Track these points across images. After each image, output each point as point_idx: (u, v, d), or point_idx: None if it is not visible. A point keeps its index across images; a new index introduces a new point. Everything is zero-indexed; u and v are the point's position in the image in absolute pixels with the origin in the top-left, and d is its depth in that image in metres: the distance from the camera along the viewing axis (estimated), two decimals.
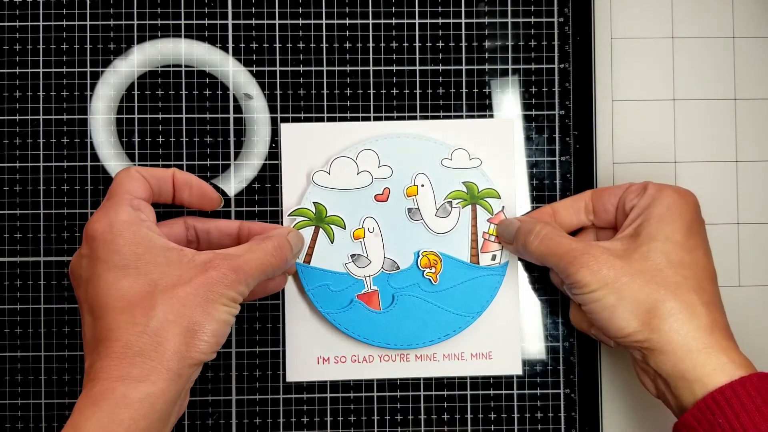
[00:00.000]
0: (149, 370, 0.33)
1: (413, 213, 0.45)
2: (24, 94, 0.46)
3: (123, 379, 0.33)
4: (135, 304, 0.34)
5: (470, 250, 0.45)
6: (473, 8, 0.47)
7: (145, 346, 0.34)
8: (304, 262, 0.45)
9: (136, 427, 0.33)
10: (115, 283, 0.35)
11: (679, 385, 0.37)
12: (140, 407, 0.33)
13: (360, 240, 0.45)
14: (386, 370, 0.46)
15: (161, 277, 0.35)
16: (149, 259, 0.35)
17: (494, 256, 0.45)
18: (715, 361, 0.36)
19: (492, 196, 0.45)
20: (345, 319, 0.45)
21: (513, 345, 0.46)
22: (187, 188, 0.41)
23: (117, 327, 0.34)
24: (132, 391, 0.33)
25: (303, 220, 0.45)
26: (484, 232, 0.45)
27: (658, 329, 0.37)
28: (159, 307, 0.34)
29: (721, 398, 0.35)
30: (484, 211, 0.45)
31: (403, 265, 0.45)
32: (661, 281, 0.37)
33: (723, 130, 0.48)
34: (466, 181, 0.46)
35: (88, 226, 0.36)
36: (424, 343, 0.45)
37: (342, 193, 0.45)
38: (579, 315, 0.43)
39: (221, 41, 0.46)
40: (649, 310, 0.37)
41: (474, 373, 0.46)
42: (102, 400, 0.33)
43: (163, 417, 0.34)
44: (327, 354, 0.45)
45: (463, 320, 0.45)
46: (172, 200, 0.41)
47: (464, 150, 0.46)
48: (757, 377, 0.35)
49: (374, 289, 0.45)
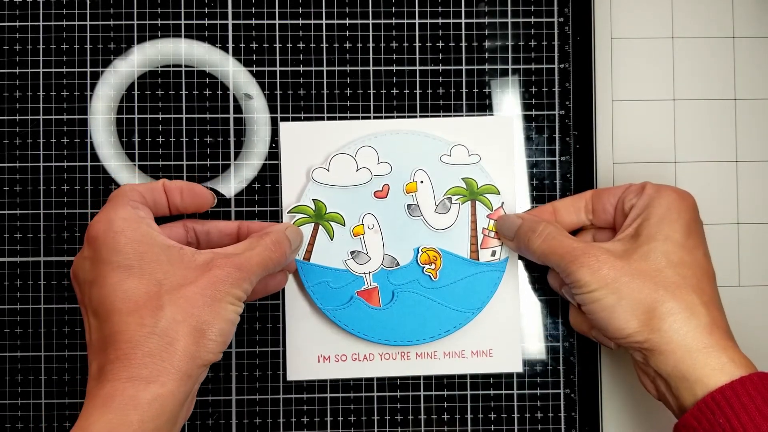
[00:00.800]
0: (159, 370, 0.33)
1: (413, 209, 0.45)
2: (24, 94, 0.46)
3: (132, 380, 0.33)
4: (142, 305, 0.34)
5: (470, 246, 0.45)
6: (473, 8, 0.47)
7: (155, 347, 0.34)
8: (303, 259, 0.45)
9: (145, 428, 0.32)
10: (120, 284, 0.35)
11: (679, 385, 0.36)
12: (149, 409, 0.33)
13: (359, 237, 0.45)
14: (387, 369, 0.46)
15: (165, 277, 0.35)
16: (152, 257, 0.35)
17: (494, 252, 0.45)
18: (715, 361, 0.36)
19: (491, 192, 0.45)
20: (345, 316, 0.45)
21: (513, 342, 0.46)
22: (177, 191, 0.41)
23: (125, 329, 0.34)
24: (141, 392, 0.33)
25: (302, 217, 0.45)
26: (483, 228, 0.45)
27: (658, 329, 0.37)
28: (167, 308, 0.34)
29: (721, 398, 0.35)
30: (483, 207, 0.45)
31: (403, 262, 0.45)
32: (661, 281, 0.37)
33: (723, 130, 0.48)
34: (465, 177, 0.46)
35: (88, 228, 0.36)
36: (425, 340, 0.45)
37: (341, 190, 0.45)
38: (579, 317, 0.43)
39: (221, 41, 0.46)
40: (649, 310, 0.37)
41: (475, 371, 0.46)
42: (111, 401, 0.32)
43: (172, 419, 0.34)
44: (328, 353, 0.45)
45: (463, 316, 0.45)
46: (168, 210, 0.41)
47: (463, 146, 0.46)
48: (757, 377, 0.35)
49: (374, 286, 0.45)
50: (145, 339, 0.34)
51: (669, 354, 0.37)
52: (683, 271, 0.38)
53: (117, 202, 0.37)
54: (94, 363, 0.35)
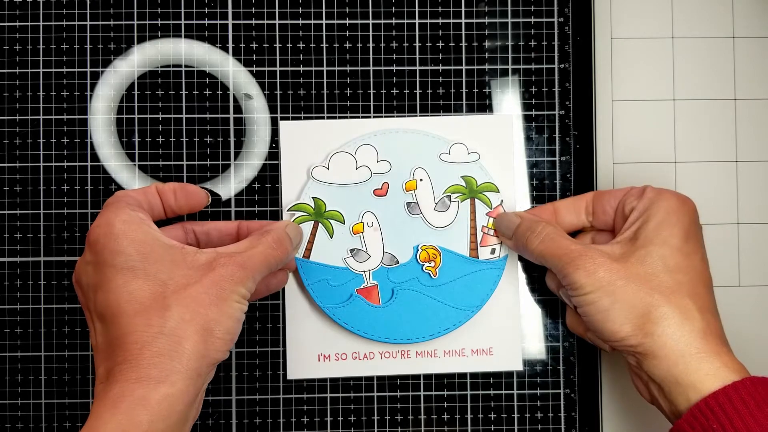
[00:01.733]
0: (169, 370, 0.33)
1: (412, 207, 0.45)
2: (24, 94, 0.46)
3: (141, 381, 0.33)
4: (148, 306, 0.34)
5: (469, 244, 0.45)
6: (473, 8, 0.47)
7: (164, 347, 0.34)
8: (303, 257, 0.45)
9: (155, 429, 0.32)
10: (124, 286, 0.35)
11: (672, 390, 0.36)
12: (159, 409, 0.33)
13: (359, 234, 0.45)
14: (387, 367, 0.46)
15: (169, 277, 0.35)
16: (155, 258, 0.35)
17: (493, 249, 0.45)
18: (708, 366, 0.36)
19: (491, 190, 0.45)
20: (345, 314, 0.45)
21: (514, 340, 0.46)
22: (170, 192, 0.41)
23: (132, 330, 0.34)
24: (151, 392, 0.33)
25: (302, 215, 0.45)
26: (483, 226, 0.45)
27: (651, 333, 0.37)
28: (174, 308, 0.34)
29: (715, 403, 0.35)
30: (482, 205, 0.45)
31: (403, 260, 0.45)
32: (656, 286, 0.37)
33: (723, 130, 0.48)
34: (464, 175, 0.46)
35: (89, 233, 0.36)
36: (424, 338, 0.45)
37: (341, 188, 0.45)
38: (575, 319, 0.43)
39: (221, 41, 0.46)
40: (643, 314, 0.37)
41: (475, 369, 0.46)
42: (120, 402, 0.32)
43: (182, 419, 0.34)
44: (328, 351, 0.45)
45: (463, 314, 0.45)
46: (164, 213, 0.41)
47: (463, 144, 0.46)
48: (750, 381, 0.35)
49: (374, 284, 0.45)
50: (153, 339, 0.34)
51: (662, 358, 0.36)
52: (679, 276, 0.38)
53: (114, 206, 0.37)
54: (101, 366, 0.35)
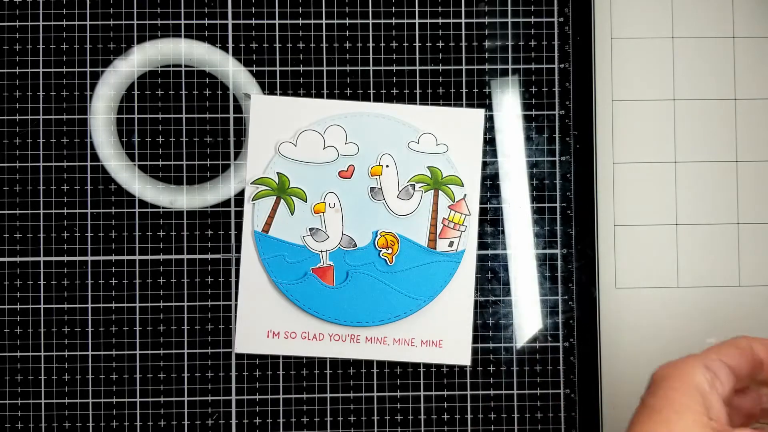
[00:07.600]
0: None
1: (375, 192, 0.45)
2: (24, 94, 0.46)
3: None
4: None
5: (428, 234, 0.45)
6: (473, 8, 0.47)
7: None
8: (262, 231, 0.45)
9: None
10: None
11: None
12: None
13: (320, 214, 0.45)
14: (336, 350, 0.45)
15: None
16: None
17: (451, 242, 0.45)
18: None
19: (455, 183, 0.46)
20: (297, 292, 0.45)
21: (463, 334, 0.46)
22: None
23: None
24: None
25: (265, 189, 0.45)
26: (444, 218, 0.45)
27: None
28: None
29: None
30: (445, 197, 0.46)
31: (361, 243, 0.45)
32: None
33: (723, 130, 0.48)
34: (430, 165, 0.46)
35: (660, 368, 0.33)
36: (374, 323, 0.45)
37: (306, 166, 0.45)
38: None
39: (221, 41, 0.46)
40: None
41: (423, 360, 0.46)
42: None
43: None
44: (278, 328, 0.45)
45: (414, 303, 0.45)
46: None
47: (432, 135, 0.46)
48: None
49: (329, 264, 0.45)
50: None
51: None
52: None
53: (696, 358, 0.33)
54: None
